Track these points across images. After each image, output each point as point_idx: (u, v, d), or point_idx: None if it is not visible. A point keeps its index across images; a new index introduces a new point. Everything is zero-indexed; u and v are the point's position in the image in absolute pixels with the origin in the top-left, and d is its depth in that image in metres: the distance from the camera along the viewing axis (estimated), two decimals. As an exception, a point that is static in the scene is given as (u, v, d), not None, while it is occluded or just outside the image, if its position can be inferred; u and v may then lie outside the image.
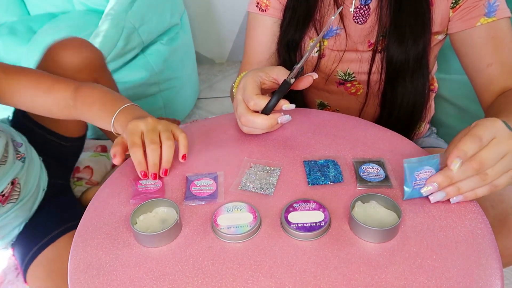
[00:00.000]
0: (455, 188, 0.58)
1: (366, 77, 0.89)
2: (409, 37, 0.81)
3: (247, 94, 0.71)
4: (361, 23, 0.86)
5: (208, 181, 0.67)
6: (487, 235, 0.56)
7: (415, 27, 0.81)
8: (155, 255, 0.57)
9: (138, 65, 1.61)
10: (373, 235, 0.56)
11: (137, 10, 1.56)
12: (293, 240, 0.57)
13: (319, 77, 0.94)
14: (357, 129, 0.78)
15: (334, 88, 0.95)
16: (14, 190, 0.93)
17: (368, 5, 0.84)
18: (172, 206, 0.61)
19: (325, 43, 0.90)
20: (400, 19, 0.81)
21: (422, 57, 0.83)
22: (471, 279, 0.51)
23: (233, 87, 0.89)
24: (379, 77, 0.88)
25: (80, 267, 0.56)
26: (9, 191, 0.91)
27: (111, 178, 0.71)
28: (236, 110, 0.74)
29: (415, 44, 0.81)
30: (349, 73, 0.91)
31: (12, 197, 0.93)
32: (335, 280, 0.52)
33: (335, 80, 0.93)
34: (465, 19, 0.80)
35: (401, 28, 0.81)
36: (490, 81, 0.80)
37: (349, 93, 0.95)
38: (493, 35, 0.79)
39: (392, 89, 0.87)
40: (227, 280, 0.53)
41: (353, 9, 0.85)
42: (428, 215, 0.60)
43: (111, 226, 0.62)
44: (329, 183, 0.66)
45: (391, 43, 0.82)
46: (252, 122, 0.72)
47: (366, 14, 0.85)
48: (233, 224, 0.59)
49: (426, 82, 0.87)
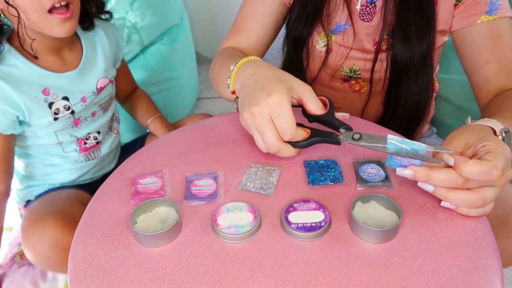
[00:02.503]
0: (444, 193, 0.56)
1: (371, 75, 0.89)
2: (414, 36, 0.81)
3: (285, 126, 0.60)
4: (367, 20, 0.86)
5: (208, 181, 0.67)
6: (487, 236, 0.56)
7: (420, 25, 0.81)
8: (155, 255, 0.57)
9: (138, 65, 1.61)
10: (373, 235, 0.56)
11: (137, 10, 1.56)
12: (293, 240, 0.57)
13: (326, 73, 0.94)
14: (357, 129, 0.78)
15: (339, 85, 0.95)
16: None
17: (374, 3, 0.84)
18: (172, 206, 0.61)
19: (333, 38, 0.90)
20: (405, 18, 0.81)
21: (427, 55, 0.83)
22: (471, 279, 0.51)
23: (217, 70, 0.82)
24: (383, 76, 0.88)
25: (80, 266, 0.56)
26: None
27: (111, 178, 0.71)
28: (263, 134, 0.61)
29: (420, 42, 0.81)
30: (355, 70, 0.91)
31: None
32: (335, 280, 0.52)
33: (340, 76, 0.93)
34: (466, 16, 0.80)
35: (406, 27, 0.81)
36: (487, 80, 0.79)
37: (353, 91, 0.95)
38: (493, 33, 0.78)
39: (396, 88, 0.87)
40: (227, 280, 0.53)
41: (359, 7, 0.85)
42: (428, 215, 0.60)
43: (111, 226, 0.61)
44: (329, 183, 0.66)
45: (396, 41, 0.82)
46: (279, 152, 0.63)
47: (372, 12, 0.85)
48: (233, 224, 0.59)
49: (430, 81, 0.87)
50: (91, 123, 1.01)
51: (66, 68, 0.94)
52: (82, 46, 0.97)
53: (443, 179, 0.55)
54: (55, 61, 0.93)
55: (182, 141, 0.77)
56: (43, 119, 0.92)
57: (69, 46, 0.95)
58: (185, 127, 0.82)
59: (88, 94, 0.97)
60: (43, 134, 0.95)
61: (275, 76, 0.64)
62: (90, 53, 0.98)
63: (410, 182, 0.65)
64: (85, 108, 0.97)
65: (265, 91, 0.60)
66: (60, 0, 0.80)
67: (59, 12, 0.81)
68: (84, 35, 0.98)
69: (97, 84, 0.98)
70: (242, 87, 0.67)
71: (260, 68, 0.66)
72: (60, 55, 0.93)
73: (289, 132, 0.60)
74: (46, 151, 0.99)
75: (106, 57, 1.01)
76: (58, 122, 0.94)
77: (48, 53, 0.91)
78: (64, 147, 0.99)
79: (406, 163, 0.60)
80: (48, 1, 0.79)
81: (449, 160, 0.55)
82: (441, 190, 0.56)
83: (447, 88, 1.21)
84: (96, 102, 1.00)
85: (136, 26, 1.55)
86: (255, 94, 0.61)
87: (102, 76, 0.99)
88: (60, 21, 0.82)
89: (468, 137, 0.58)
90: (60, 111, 0.93)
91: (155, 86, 1.68)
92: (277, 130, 0.60)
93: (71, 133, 0.98)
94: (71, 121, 0.96)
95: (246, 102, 0.63)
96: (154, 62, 1.65)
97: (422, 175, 0.56)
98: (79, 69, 0.95)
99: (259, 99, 0.60)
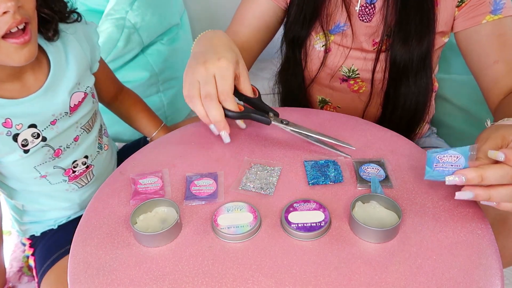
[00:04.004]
0: (486, 194, 0.53)
1: (370, 75, 0.89)
2: (414, 37, 0.81)
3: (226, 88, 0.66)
4: (366, 21, 0.85)
5: (208, 181, 0.67)
6: (487, 235, 0.56)
7: (419, 26, 0.80)
8: (155, 255, 0.57)
9: (138, 65, 1.61)
10: (373, 235, 0.56)
11: (137, 10, 1.55)
12: (293, 240, 0.57)
13: (325, 73, 0.94)
14: (357, 129, 0.78)
15: (337, 85, 0.95)
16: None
17: (373, 4, 0.84)
18: (172, 206, 0.61)
19: (331, 38, 0.90)
20: (405, 19, 0.81)
21: (426, 57, 0.83)
22: (471, 279, 0.51)
23: None
24: (382, 76, 0.88)
25: (80, 266, 0.56)
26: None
27: (111, 178, 0.71)
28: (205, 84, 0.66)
29: (419, 44, 0.81)
30: (353, 70, 0.91)
31: None
32: (335, 280, 0.52)
33: (339, 76, 0.93)
34: (470, 16, 0.79)
35: (405, 28, 0.81)
36: (496, 80, 0.79)
37: (352, 91, 0.95)
38: (499, 32, 0.78)
39: (395, 89, 0.87)
40: (227, 280, 0.53)
41: (358, 7, 0.85)
42: (428, 215, 0.60)
43: (111, 226, 0.61)
44: (329, 183, 0.66)
45: (396, 42, 0.82)
46: (210, 107, 0.66)
47: (372, 13, 0.85)
48: (233, 224, 0.59)
49: (429, 82, 0.87)
50: (75, 150, 0.88)
51: (29, 90, 0.78)
52: (50, 60, 0.80)
53: (499, 175, 0.52)
54: (16, 86, 0.77)
55: (182, 141, 0.77)
56: (10, 155, 0.78)
57: (32, 67, 0.78)
58: (185, 127, 0.82)
59: (60, 115, 0.82)
60: (21, 170, 0.83)
61: (229, 46, 0.71)
62: (59, 66, 0.82)
63: (410, 182, 0.65)
64: (60, 133, 0.83)
65: (217, 54, 0.68)
66: (17, 23, 0.65)
67: (15, 37, 0.67)
68: (49, 47, 0.80)
69: (70, 101, 0.83)
70: (198, 46, 0.75)
71: (219, 35, 0.75)
72: (21, 79, 0.77)
73: (226, 94, 0.66)
74: (31, 187, 0.87)
75: (80, 65, 0.85)
76: (33, 155, 0.80)
77: (6, 80, 0.75)
78: (50, 179, 0.87)
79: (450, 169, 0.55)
80: (3, 26, 0.64)
81: (498, 155, 0.52)
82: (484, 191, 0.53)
83: (447, 88, 1.21)
84: (75, 124, 0.86)
85: (136, 26, 1.55)
86: (208, 53, 0.69)
87: (74, 91, 0.83)
88: (17, 46, 0.67)
89: (503, 133, 0.56)
90: (29, 141, 0.78)
91: (155, 86, 1.68)
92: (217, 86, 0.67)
93: (54, 164, 0.85)
94: (50, 153, 0.83)
95: (197, 58, 0.69)
96: (154, 62, 1.64)
97: (474, 176, 0.52)
98: (45, 88, 0.79)
99: (210, 59, 0.67)
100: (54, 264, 0.91)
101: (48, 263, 0.92)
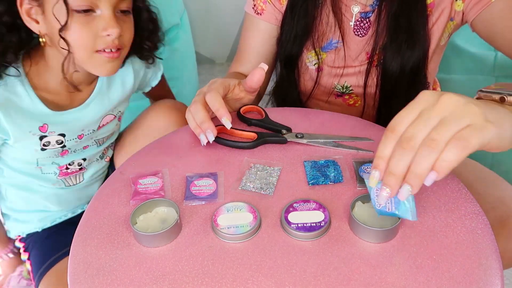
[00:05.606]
0: (388, 174, 0.48)
1: (363, 90, 0.90)
2: (405, 50, 0.81)
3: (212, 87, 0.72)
4: (361, 35, 0.86)
5: (208, 181, 0.67)
6: (487, 235, 0.56)
7: (411, 39, 0.80)
8: (155, 255, 0.57)
9: (138, 65, 1.61)
10: (373, 235, 0.56)
11: (137, 10, 1.56)
12: (293, 240, 0.57)
13: (319, 90, 0.94)
14: (357, 129, 0.78)
15: (333, 100, 0.96)
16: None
17: (369, 18, 0.84)
18: (172, 206, 0.61)
19: (323, 56, 0.90)
20: (397, 32, 0.81)
21: (418, 70, 0.83)
22: (471, 279, 0.51)
23: None
24: (374, 91, 0.88)
25: (79, 266, 0.56)
26: None
27: (111, 178, 0.71)
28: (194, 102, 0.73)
29: (412, 56, 0.81)
30: (347, 86, 0.92)
31: None
32: (335, 280, 0.52)
33: (333, 92, 0.94)
34: (478, 0, 0.78)
35: (397, 41, 0.81)
36: None
37: (348, 105, 0.95)
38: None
39: (386, 105, 0.88)
40: (227, 280, 0.53)
41: (353, 23, 0.85)
42: (428, 215, 0.60)
43: (111, 226, 0.61)
44: (329, 183, 0.66)
45: (388, 56, 0.82)
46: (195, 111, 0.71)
47: (367, 27, 0.85)
48: (233, 224, 0.59)
49: None
50: (79, 154, 0.93)
51: (72, 104, 0.86)
52: (98, 79, 0.89)
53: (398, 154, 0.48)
54: (69, 96, 0.86)
55: (182, 141, 0.77)
56: (28, 148, 0.85)
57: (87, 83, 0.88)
58: (185, 127, 0.82)
59: (88, 131, 0.90)
60: (23, 156, 0.88)
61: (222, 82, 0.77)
62: (105, 86, 0.90)
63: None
64: (79, 143, 0.90)
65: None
66: (113, 47, 0.77)
67: (108, 51, 0.77)
68: None
69: (101, 121, 0.91)
70: None
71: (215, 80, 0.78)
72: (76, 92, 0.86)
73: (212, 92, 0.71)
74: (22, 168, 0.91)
75: (124, 93, 0.93)
76: (44, 152, 0.87)
77: (67, 89, 0.84)
78: (43, 169, 0.92)
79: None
80: (102, 45, 0.76)
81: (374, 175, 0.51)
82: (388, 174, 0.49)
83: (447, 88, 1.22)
84: (92, 137, 0.93)
85: (136, 26, 1.54)
86: None
87: (108, 113, 0.92)
88: (106, 59, 0.78)
89: None
90: (51, 144, 0.86)
91: (155, 86, 1.68)
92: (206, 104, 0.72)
93: (54, 161, 0.91)
94: (58, 152, 0.89)
95: None
96: (154, 62, 1.64)
97: (376, 162, 0.50)
98: (85, 104, 0.87)
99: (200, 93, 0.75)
100: (50, 268, 0.92)
101: (44, 267, 0.94)
